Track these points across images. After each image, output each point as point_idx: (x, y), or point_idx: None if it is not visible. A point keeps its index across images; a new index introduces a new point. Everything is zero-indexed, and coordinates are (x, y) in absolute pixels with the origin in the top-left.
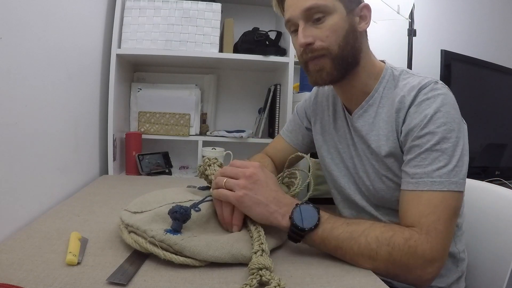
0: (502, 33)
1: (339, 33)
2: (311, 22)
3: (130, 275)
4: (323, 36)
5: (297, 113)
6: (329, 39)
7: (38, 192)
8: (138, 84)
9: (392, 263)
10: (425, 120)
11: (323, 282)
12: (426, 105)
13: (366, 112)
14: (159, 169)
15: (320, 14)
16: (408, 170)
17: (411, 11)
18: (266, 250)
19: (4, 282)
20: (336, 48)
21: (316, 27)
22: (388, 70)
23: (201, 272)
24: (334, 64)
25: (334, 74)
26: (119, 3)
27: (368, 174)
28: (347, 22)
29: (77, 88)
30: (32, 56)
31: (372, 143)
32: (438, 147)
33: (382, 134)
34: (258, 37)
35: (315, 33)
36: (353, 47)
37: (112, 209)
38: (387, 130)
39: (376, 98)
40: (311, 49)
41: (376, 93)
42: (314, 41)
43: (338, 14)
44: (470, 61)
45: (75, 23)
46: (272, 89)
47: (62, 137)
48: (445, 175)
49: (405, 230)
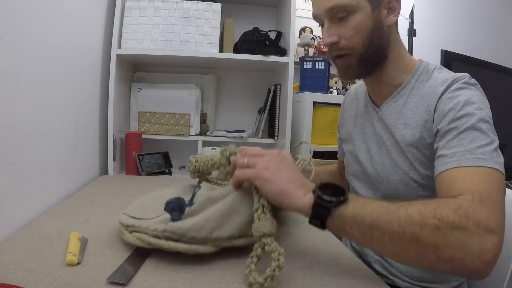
0: (502, 33)
1: (364, 31)
2: (336, 19)
3: (130, 275)
4: (348, 35)
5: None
6: (354, 38)
7: (38, 192)
8: (138, 84)
9: (442, 239)
10: (460, 104)
11: (323, 282)
12: (460, 93)
13: (395, 102)
14: (159, 169)
15: (344, 13)
16: (445, 152)
17: (411, 11)
18: (266, 206)
19: (4, 282)
20: (361, 47)
21: (341, 25)
22: (422, 63)
23: (201, 272)
24: (359, 62)
25: (359, 71)
26: (119, 3)
27: (384, 166)
28: (372, 19)
29: (77, 88)
30: (32, 56)
31: (397, 132)
32: (478, 126)
33: (408, 123)
34: (258, 37)
35: (340, 31)
36: (378, 44)
37: (112, 209)
38: (414, 119)
39: (407, 89)
40: (336, 47)
41: (408, 84)
42: (339, 39)
43: (363, 12)
44: (470, 61)
45: (75, 23)
46: (272, 89)
47: (62, 137)
48: (488, 153)
49: (451, 201)
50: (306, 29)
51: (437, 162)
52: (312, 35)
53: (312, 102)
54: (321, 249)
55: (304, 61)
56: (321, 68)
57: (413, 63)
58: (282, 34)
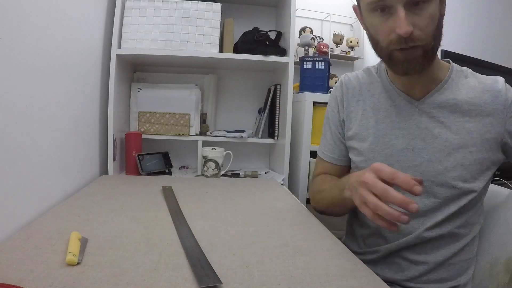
0: (502, 33)
1: (436, 21)
2: (410, 6)
3: (214, 274)
4: (423, 25)
5: (330, 127)
6: (428, 28)
7: (38, 192)
8: (138, 84)
9: None
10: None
11: (323, 282)
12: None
13: (442, 94)
14: (159, 169)
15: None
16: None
17: None
18: None
19: (4, 282)
20: (431, 39)
21: (416, 13)
22: (453, 64)
23: None
24: (426, 55)
25: (425, 64)
26: (119, 3)
27: (440, 162)
28: (438, 9)
29: (77, 88)
30: (32, 56)
31: (457, 124)
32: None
33: (468, 116)
34: (258, 37)
35: (415, 20)
36: (440, 35)
37: (112, 209)
38: (475, 112)
39: (449, 83)
40: (410, 38)
41: (450, 79)
42: (413, 29)
43: (435, 1)
44: (470, 61)
45: (75, 23)
46: (272, 89)
47: (62, 137)
48: None
49: None
50: (306, 29)
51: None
52: (312, 35)
53: (312, 102)
54: (321, 249)
55: (304, 61)
56: (321, 68)
57: (442, 61)
58: (282, 34)
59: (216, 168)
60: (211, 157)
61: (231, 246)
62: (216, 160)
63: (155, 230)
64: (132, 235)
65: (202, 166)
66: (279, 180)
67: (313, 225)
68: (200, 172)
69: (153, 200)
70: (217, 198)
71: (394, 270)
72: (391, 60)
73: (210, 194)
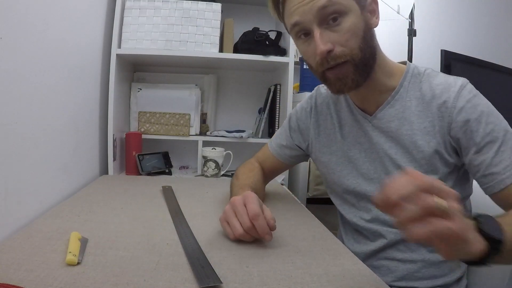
0: (502, 33)
1: (358, 34)
2: (325, 25)
3: (214, 274)
4: (343, 40)
5: (289, 127)
6: (350, 43)
7: (38, 192)
8: (138, 84)
9: None
10: (484, 115)
11: (323, 282)
12: (477, 101)
13: (393, 107)
14: (159, 169)
15: (335, 14)
16: (495, 169)
17: (411, 11)
18: None
19: (4, 282)
20: (358, 52)
21: (333, 30)
22: (411, 66)
23: None
24: (357, 70)
25: (358, 80)
26: (119, 3)
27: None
28: (363, 21)
29: (77, 88)
30: (32, 56)
31: (405, 138)
32: (508, 136)
33: (416, 128)
34: (258, 37)
35: (333, 37)
36: (371, 46)
37: (112, 209)
38: (423, 125)
39: (402, 92)
40: (332, 56)
41: (402, 88)
42: (333, 47)
43: (354, 13)
44: (470, 61)
45: (75, 23)
46: (272, 89)
47: (62, 137)
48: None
49: None
50: None
51: (487, 178)
52: None
53: None
54: (321, 249)
55: (304, 61)
56: None
57: (398, 66)
58: (282, 34)
59: (216, 168)
60: (211, 157)
61: (231, 246)
62: (216, 160)
63: (155, 230)
64: (132, 235)
65: (202, 166)
66: (279, 180)
67: (313, 225)
68: (200, 172)
69: (153, 200)
70: (217, 198)
71: (383, 272)
72: (325, 81)
73: (210, 194)
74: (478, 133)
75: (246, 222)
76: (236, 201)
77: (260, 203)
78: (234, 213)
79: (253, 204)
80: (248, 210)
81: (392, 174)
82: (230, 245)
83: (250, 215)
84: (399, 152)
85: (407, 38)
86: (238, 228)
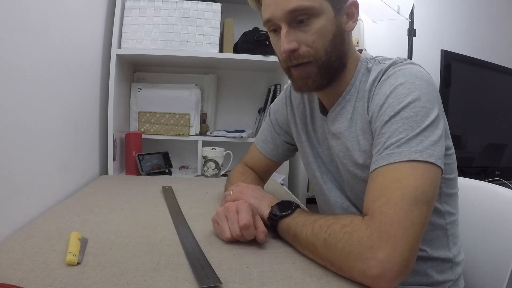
0: (502, 33)
1: (327, 37)
2: (295, 24)
3: (214, 275)
4: (309, 41)
5: (270, 121)
6: (316, 44)
7: (38, 192)
8: (138, 84)
9: (329, 251)
10: (383, 97)
11: (323, 282)
12: (387, 83)
13: (343, 108)
14: (159, 169)
15: (305, 16)
16: (373, 156)
17: (411, 11)
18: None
19: (4, 282)
20: (323, 55)
21: (301, 30)
22: (362, 62)
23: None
24: (320, 72)
25: (320, 82)
26: (119, 3)
27: (350, 175)
28: (334, 24)
29: (77, 88)
30: (32, 56)
31: (349, 140)
32: (397, 117)
33: (358, 128)
34: (258, 37)
35: (300, 37)
36: (340, 51)
37: (112, 209)
38: (362, 123)
39: (352, 93)
40: (296, 55)
41: (353, 87)
42: (299, 46)
43: (326, 16)
44: (470, 61)
45: (75, 23)
46: (272, 89)
47: (62, 137)
48: (404, 145)
49: (348, 217)
50: None
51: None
52: None
53: None
54: None
55: None
56: None
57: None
58: None
59: (216, 168)
60: (211, 157)
61: (231, 246)
62: (216, 160)
63: (155, 230)
64: (132, 235)
65: (202, 166)
66: (279, 180)
67: None
68: (200, 172)
69: (153, 200)
70: (217, 198)
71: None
72: (290, 77)
73: (210, 194)
74: (374, 115)
75: (236, 230)
76: (230, 207)
77: (253, 212)
78: (225, 218)
79: (245, 213)
80: (240, 219)
81: (352, 179)
82: (230, 245)
83: (240, 224)
84: (344, 159)
85: (407, 38)
86: (227, 233)
